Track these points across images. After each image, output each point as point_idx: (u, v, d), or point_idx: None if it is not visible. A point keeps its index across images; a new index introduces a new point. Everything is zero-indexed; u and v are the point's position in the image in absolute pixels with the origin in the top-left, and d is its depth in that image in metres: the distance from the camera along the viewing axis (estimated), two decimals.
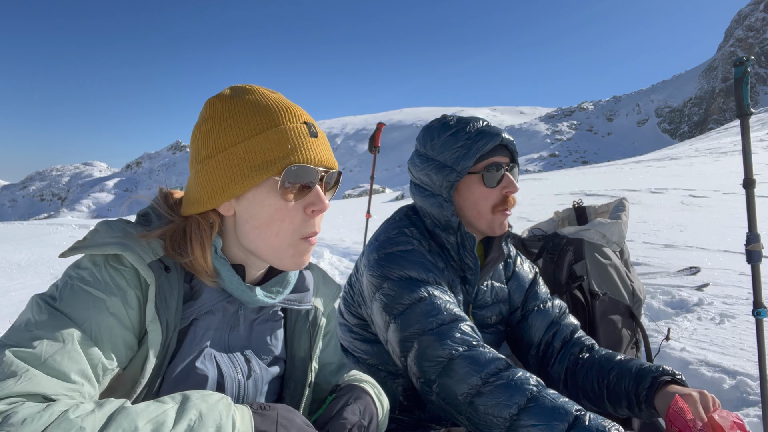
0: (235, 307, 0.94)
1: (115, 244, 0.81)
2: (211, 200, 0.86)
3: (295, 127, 0.86)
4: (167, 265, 0.85)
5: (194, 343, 0.88)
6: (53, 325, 0.72)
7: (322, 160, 0.87)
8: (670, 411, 1.06)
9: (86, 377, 0.72)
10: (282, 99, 0.89)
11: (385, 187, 54.80)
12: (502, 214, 1.39)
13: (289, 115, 0.87)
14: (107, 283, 0.79)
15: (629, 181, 15.15)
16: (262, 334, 0.99)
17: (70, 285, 0.78)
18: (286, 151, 0.83)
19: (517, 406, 1.04)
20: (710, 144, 33.14)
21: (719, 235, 6.60)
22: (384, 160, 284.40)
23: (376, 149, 4.85)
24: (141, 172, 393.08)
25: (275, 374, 1.00)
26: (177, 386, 0.85)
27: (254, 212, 0.86)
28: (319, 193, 0.87)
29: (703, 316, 3.55)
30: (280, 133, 0.84)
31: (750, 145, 2.04)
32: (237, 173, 0.83)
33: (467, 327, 1.22)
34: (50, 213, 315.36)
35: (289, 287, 0.99)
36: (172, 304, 0.84)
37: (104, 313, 0.77)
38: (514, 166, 1.42)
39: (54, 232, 11.30)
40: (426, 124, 1.51)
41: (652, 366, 1.24)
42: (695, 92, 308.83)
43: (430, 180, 1.41)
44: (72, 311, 0.75)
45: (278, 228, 0.86)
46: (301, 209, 0.87)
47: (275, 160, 0.83)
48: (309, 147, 0.86)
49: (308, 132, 0.87)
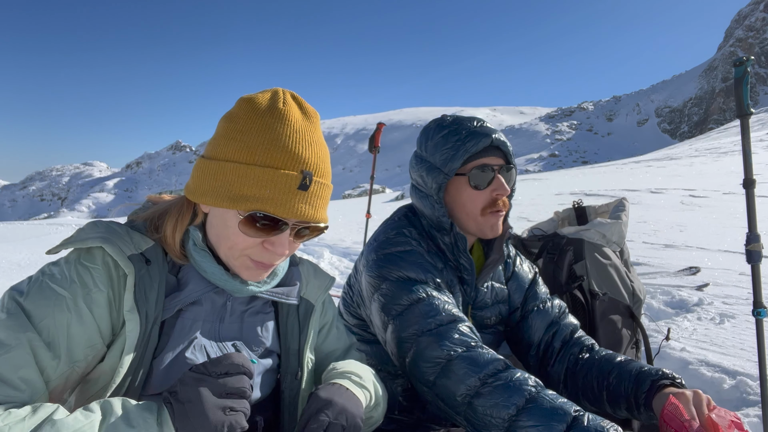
0: (224, 298, 0.96)
1: (96, 238, 0.84)
2: (193, 195, 0.90)
3: (286, 175, 0.83)
4: (148, 258, 0.87)
5: (183, 334, 0.90)
6: (8, 325, 0.75)
7: (301, 216, 0.85)
8: (665, 412, 1.05)
9: (29, 382, 0.74)
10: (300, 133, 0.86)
11: (385, 187, 54.80)
12: (492, 216, 1.37)
13: (289, 159, 0.84)
14: (73, 281, 0.81)
15: (629, 181, 15.15)
16: (252, 326, 1.01)
17: (39, 281, 0.81)
18: (263, 196, 0.83)
19: (515, 406, 1.04)
20: (710, 144, 33.13)
21: (719, 235, 6.60)
22: (384, 160, 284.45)
23: (376, 149, 4.86)
24: (141, 172, 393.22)
25: (267, 366, 1.01)
26: (166, 377, 0.87)
27: (219, 222, 0.90)
28: (282, 239, 0.87)
29: (703, 316, 3.55)
30: (266, 175, 0.83)
31: (750, 145, 2.04)
32: (215, 189, 0.85)
33: (466, 328, 1.22)
34: (50, 213, 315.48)
35: (276, 279, 1.00)
36: (152, 296, 0.86)
37: (63, 311, 0.79)
38: (508, 168, 1.39)
39: (54, 232, 11.30)
40: (425, 125, 1.51)
41: (652, 369, 1.23)
42: (695, 92, 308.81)
43: (423, 181, 1.41)
44: (33, 308, 0.78)
45: (232, 244, 0.88)
46: (259, 242, 0.88)
47: (248, 198, 0.83)
48: (287, 200, 0.83)
49: (298, 183, 0.84)
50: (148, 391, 0.87)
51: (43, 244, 9.16)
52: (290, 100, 0.89)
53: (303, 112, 0.90)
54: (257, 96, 0.89)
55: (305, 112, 0.90)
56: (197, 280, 0.93)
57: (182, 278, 0.93)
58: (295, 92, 0.92)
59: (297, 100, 0.91)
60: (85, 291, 0.81)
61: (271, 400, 1.03)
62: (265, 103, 0.88)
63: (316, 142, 0.89)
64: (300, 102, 0.91)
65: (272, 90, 0.91)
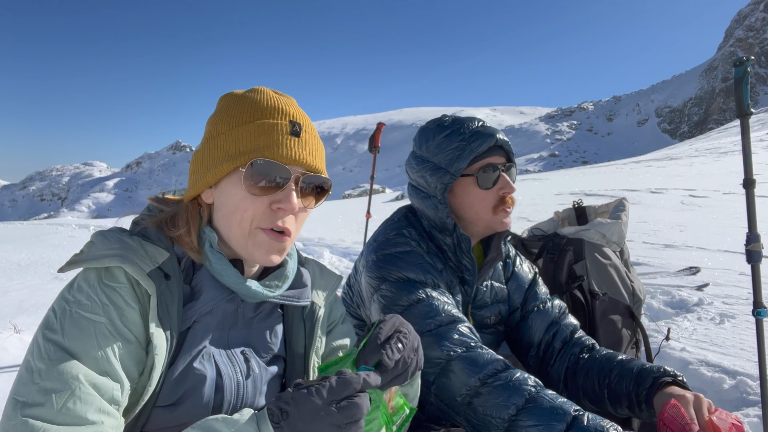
0: (235, 306, 0.94)
1: (113, 257, 0.80)
2: (195, 186, 0.89)
3: (276, 123, 0.86)
4: (167, 272, 0.85)
5: (194, 344, 0.88)
6: (58, 371, 0.72)
7: (299, 160, 0.86)
8: (665, 414, 1.03)
9: (104, 411, 0.73)
10: (278, 98, 0.90)
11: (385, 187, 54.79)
12: (503, 212, 1.39)
13: (275, 112, 0.87)
14: (105, 304, 0.79)
15: (629, 181, 15.15)
16: (261, 332, 0.99)
17: (68, 312, 0.77)
18: (257, 145, 0.84)
19: (515, 406, 1.04)
20: (710, 144, 33.13)
21: (719, 235, 6.60)
22: (384, 160, 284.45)
23: (376, 149, 4.86)
24: (141, 172, 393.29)
25: (275, 373, 1.00)
26: (176, 387, 0.85)
27: (224, 200, 0.88)
28: (289, 194, 0.86)
29: (703, 316, 3.55)
30: (257, 127, 0.85)
31: (750, 145, 2.04)
32: (212, 162, 0.86)
33: (465, 328, 1.22)
34: (50, 213, 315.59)
35: (287, 282, 0.98)
36: (174, 310, 0.84)
37: (106, 337, 0.77)
38: (510, 167, 1.41)
39: (54, 232, 11.30)
40: (422, 126, 1.50)
41: (653, 366, 1.23)
42: (695, 92, 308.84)
43: (425, 182, 1.41)
44: (75, 344, 0.75)
45: (240, 217, 0.86)
46: (267, 203, 0.86)
47: (244, 153, 0.84)
48: (283, 144, 0.85)
49: (289, 130, 0.86)
50: (157, 403, 0.85)
51: (43, 244, 9.16)
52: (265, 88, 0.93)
53: (277, 93, 0.93)
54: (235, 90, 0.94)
55: (280, 94, 0.93)
56: (210, 288, 0.90)
57: (196, 287, 0.90)
58: (295, 93, 0.94)
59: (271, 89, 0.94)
60: (119, 312, 0.79)
61: None
62: (243, 90, 0.93)
63: (298, 108, 0.92)
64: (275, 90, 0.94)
65: None
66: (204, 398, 0.87)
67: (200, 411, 0.87)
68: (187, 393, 0.86)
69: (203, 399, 0.87)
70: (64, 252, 7.81)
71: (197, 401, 0.86)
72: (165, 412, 0.84)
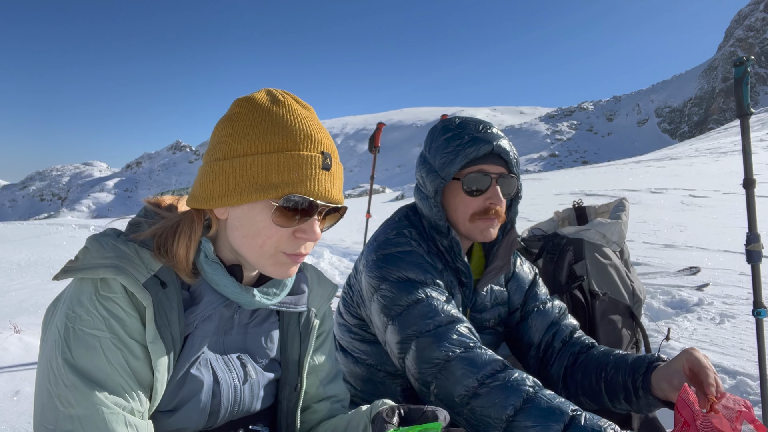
0: (231, 311, 0.94)
1: (107, 267, 0.79)
2: (209, 201, 0.86)
3: (309, 156, 0.83)
4: (163, 280, 0.84)
5: (191, 350, 0.88)
6: (78, 395, 0.73)
7: (327, 196, 0.85)
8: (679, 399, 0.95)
9: (131, 425, 0.75)
10: (308, 119, 0.87)
11: (385, 187, 54.81)
12: (481, 221, 1.35)
13: (309, 141, 0.84)
14: (105, 317, 0.78)
15: (629, 181, 15.15)
16: (257, 338, 0.99)
17: (72, 330, 0.77)
18: (291, 179, 0.82)
19: (513, 407, 1.04)
20: (710, 144, 33.13)
21: (719, 235, 6.60)
22: (384, 160, 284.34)
23: (376, 149, 4.86)
24: (141, 172, 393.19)
25: (271, 378, 1.00)
26: (174, 393, 0.86)
27: (245, 222, 0.86)
28: (313, 224, 0.85)
29: (703, 316, 3.55)
30: (291, 159, 0.82)
31: (750, 145, 2.04)
32: (239, 185, 0.82)
33: (465, 328, 1.22)
34: (50, 213, 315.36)
35: (286, 289, 0.98)
36: (174, 317, 0.84)
37: (114, 351, 0.78)
38: (507, 178, 1.36)
39: (54, 232, 11.30)
40: (434, 125, 1.50)
41: (648, 355, 1.23)
42: (695, 92, 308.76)
43: (423, 182, 1.42)
44: (85, 363, 0.76)
45: (263, 242, 0.85)
46: (291, 232, 0.86)
47: (278, 185, 0.81)
48: (316, 180, 0.83)
49: (321, 164, 0.84)
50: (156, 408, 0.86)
51: (43, 244, 9.16)
52: (286, 95, 0.90)
53: (300, 104, 0.90)
54: (254, 95, 0.89)
55: (303, 105, 0.91)
56: (210, 292, 0.90)
57: (194, 291, 0.90)
58: (295, 92, 0.93)
59: (291, 95, 0.91)
60: (121, 323, 0.79)
61: (269, 410, 1.02)
62: (264, 98, 0.88)
63: (323, 127, 0.89)
64: (294, 96, 0.92)
65: (264, 89, 0.91)
66: (201, 404, 0.87)
67: (198, 416, 0.88)
68: (184, 399, 0.87)
69: (200, 405, 0.87)
70: (64, 252, 7.81)
71: (194, 407, 0.87)
72: (163, 418, 0.85)
